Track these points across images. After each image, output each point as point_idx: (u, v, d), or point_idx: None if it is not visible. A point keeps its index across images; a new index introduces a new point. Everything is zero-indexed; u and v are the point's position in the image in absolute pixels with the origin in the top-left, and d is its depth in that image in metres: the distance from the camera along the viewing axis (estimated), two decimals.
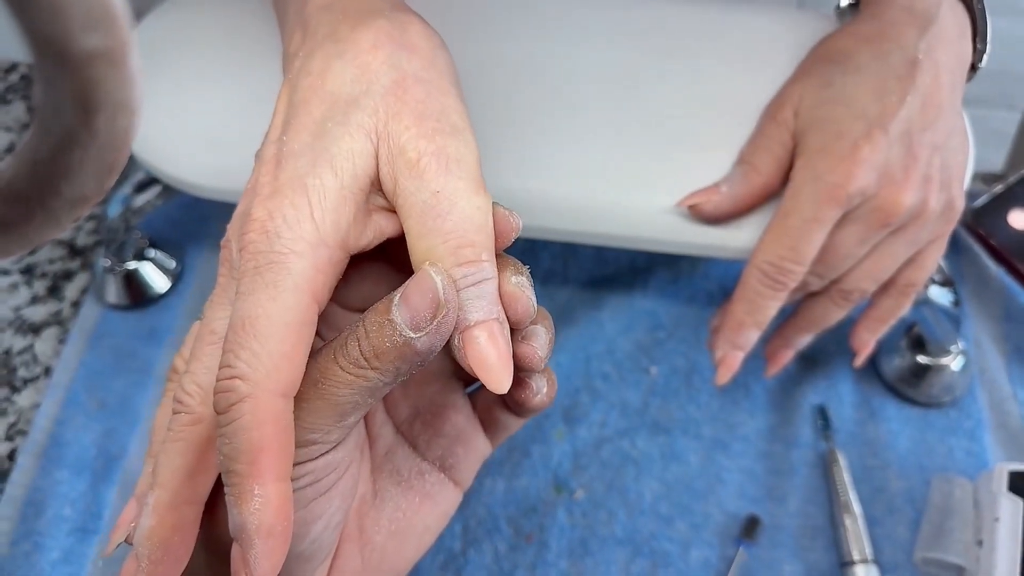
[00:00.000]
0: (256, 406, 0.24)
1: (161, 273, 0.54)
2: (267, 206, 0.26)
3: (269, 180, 0.27)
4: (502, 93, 0.43)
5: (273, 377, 0.24)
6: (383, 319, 0.24)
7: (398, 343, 0.24)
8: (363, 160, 0.27)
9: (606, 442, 0.49)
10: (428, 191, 0.26)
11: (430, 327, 0.24)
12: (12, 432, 0.50)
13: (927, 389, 0.49)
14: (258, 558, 0.23)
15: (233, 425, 0.24)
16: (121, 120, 0.16)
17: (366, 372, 0.25)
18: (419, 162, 0.26)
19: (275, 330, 0.24)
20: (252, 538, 0.23)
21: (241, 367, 0.24)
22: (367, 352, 0.25)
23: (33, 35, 0.15)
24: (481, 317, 0.25)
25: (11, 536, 0.46)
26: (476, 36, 0.45)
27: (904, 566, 0.45)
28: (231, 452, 0.24)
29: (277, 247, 0.25)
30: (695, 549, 0.46)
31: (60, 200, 0.18)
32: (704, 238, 0.41)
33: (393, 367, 0.25)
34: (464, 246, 0.25)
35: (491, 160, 0.41)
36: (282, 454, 0.24)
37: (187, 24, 0.46)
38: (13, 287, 0.55)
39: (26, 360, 0.52)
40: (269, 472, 0.24)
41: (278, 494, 0.24)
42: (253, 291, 0.25)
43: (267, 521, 0.23)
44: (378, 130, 0.27)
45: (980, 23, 0.41)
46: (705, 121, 0.42)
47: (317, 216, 0.26)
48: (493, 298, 0.26)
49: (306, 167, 0.26)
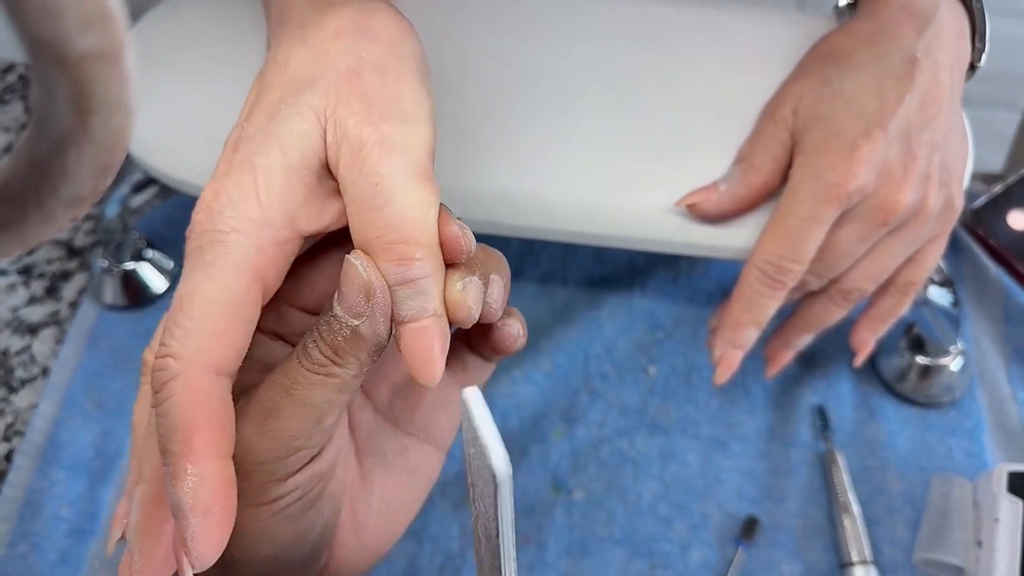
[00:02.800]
0: (187, 384, 0.24)
1: (159, 273, 0.54)
2: (214, 187, 0.26)
3: (224, 163, 0.27)
4: (501, 93, 0.43)
5: (205, 355, 0.24)
6: (330, 316, 0.25)
7: (347, 335, 0.25)
8: (311, 141, 0.26)
9: (605, 442, 0.49)
10: (368, 181, 0.25)
11: (367, 311, 0.25)
12: (9, 433, 0.50)
13: (926, 389, 0.49)
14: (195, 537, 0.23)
15: (166, 404, 0.24)
16: (117, 120, 0.16)
17: (330, 368, 0.25)
18: (361, 150, 0.26)
19: (209, 308, 0.24)
20: (188, 516, 0.23)
21: (174, 345, 0.24)
22: (326, 351, 0.25)
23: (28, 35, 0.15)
24: (412, 314, 0.25)
25: (8, 537, 0.46)
26: (476, 36, 0.45)
27: (903, 567, 0.45)
28: (164, 431, 0.24)
29: (219, 225, 0.25)
30: (694, 549, 0.46)
31: (57, 200, 0.18)
32: (703, 238, 0.40)
33: (353, 359, 0.25)
34: (397, 242, 0.25)
35: (490, 160, 0.41)
36: (217, 432, 0.24)
37: (184, 24, 0.46)
38: (11, 287, 0.55)
39: (24, 360, 0.52)
40: (203, 450, 0.23)
41: (214, 472, 0.24)
42: (193, 270, 0.25)
43: (203, 499, 0.23)
44: (326, 112, 0.26)
45: (979, 22, 0.41)
46: (704, 121, 0.42)
47: (263, 196, 0.25)
48: (429, 294, 0.25)
49: (256, 148, 0.26)
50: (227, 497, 0.24)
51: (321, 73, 0.27)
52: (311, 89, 0.27)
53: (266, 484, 0.26)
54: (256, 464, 0.25)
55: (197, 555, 0.23)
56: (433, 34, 0.44)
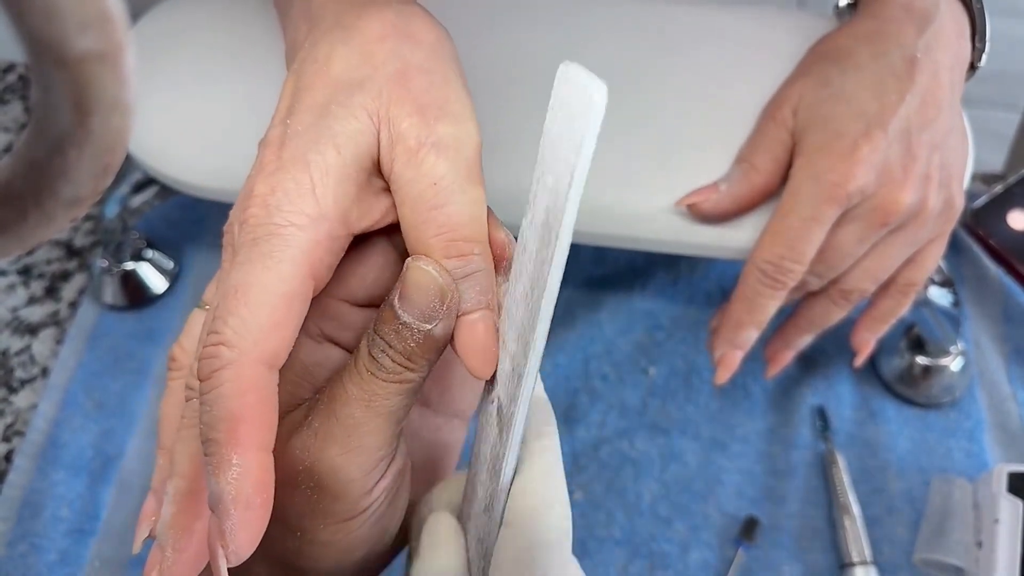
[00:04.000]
0: (239, 374, 0.24)
1: (159, 274, 0.54)
2: (269, 182, 0.26)
3: (273, 159, 0.27)
4: (501, 92, 0.43)
5: (259, 346, 0.24)
6: (396, 325, 0.25)
7: (420, 340, 0.25)
8: (365, 139, 0.27)
9: (605, 443, 0.49)
10: (424, 181, 0.26)
11: (442, 313, 0.25)
12: (9, 433, 0.50)
13: (926, 390, 0.49)
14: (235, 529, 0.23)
15: (214, 392, 0.24)
16: (116, 120, 0.16)
17: (406, 374, 0.25)
18: (418, 151, 0.26)
19: (267, 299, 0.24)
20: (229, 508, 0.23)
21: (228, 333, 0.24)
22: (399, 359, 0.25)
23: (28, 36, 0.15)
24: (470, 306, 0.26)
25: (8, 537, 0.46)
26: (476, 35, 0.45)
27: (903, 567, 0.45)
28: (210, 420, 0.24)
29: (277, 219, 0.25)
30: (694, 550, 0.46)
31: (56, 200, 0.18)
32: (703, 238, 0.40)
33: (426, 361, 0.26)
34: (457, 239, 0.26)
35: (490, 160, 0.41)
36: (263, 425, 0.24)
37: (184, 24, 0.46)
38: (11, 288, 0.55)
39: (23, 361, 0.52)
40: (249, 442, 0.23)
41: (258, 465, 0.23)
42: (249, 260, 0.25)
43: (245, 491, 0.23)
44: (380, 113, 0.27)
45: (979, 22, 0.41)
46: (704, 121, 0.42)
47: (319, 191, 0.26)
48: (484, 287, 0.26)
49: (309, 145, 0.26)
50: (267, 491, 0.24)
51: (370, 75, 0.27)
52: (361, 90, 0.27)
53: (357, 499, 0.26)
54: (347, 483, 0.26)
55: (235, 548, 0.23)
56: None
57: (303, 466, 0.25)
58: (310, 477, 0.25)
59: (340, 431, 0.25)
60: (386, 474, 0.27)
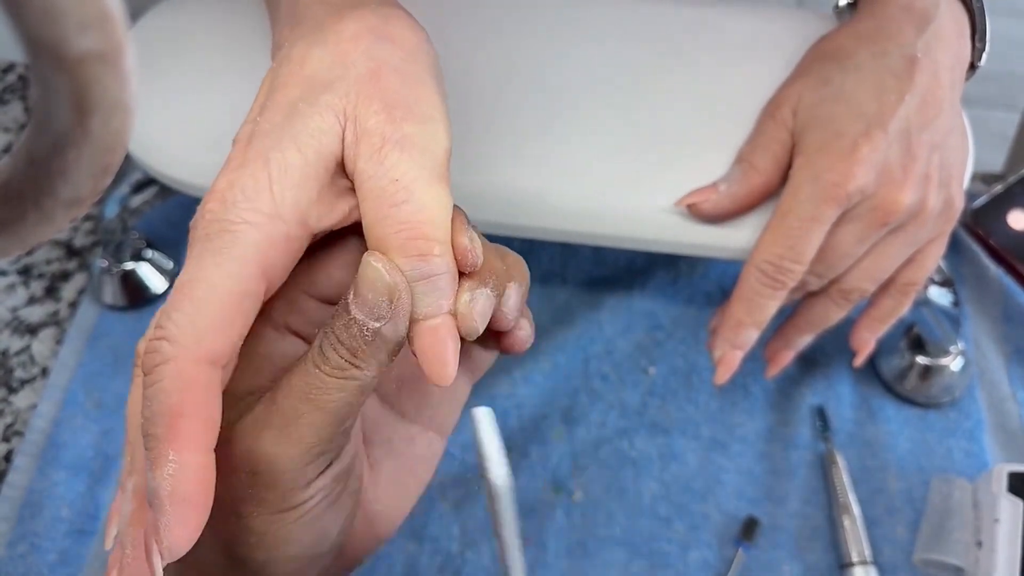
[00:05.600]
0: (179, 370, 0.24)
1: (158, 273, 0.54)
2: (229, 177, 0.26)
3: (238, 155, 0.27)
4: (501, 92, 0.43)
5: (202, 343, 0.24)
6: (347, 319, 0.25)
7: (368, 337, 0.25)
8: (328, 139, 0.26)
9: (605, 443, 0.49)
10: (387, 178, 0.26)
11: (390, 313, 0.25)
12: (9, 433, 0.50)
13: (926, 390, 0.49)
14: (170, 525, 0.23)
15: (155, 387, 0.24)
16: (116, 121, 0.16)
17: (351, 371, 0.25)
18: (381, 148, 0.26)
19: (213, 296, 0.24)
20: (164, 504, 0.23)
21: (171, 329, 0.24)
22: (345, 354, 0.25)
23: (28, 36, 0.15)
24: (429, 311, 0.26)
25: (8, 537, 0.46)
26: (476, 36, 0.44)
27: (903, 567, 0.45)
28: (150, 415, 0.23)
29: (231, 215, 0.25)
30: (694, 550, 0.46)
31: (56, 200, 0.18)
32: (703, 238, 0.40)
33: (373, 360, 0.25)
34: (416, 238, 0.25)
35: (490, 160, 0.41)
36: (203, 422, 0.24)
37: (184, 24, 0.46)
38: (10, 287, 0.55)
39: (23, 361, 0.52)
40: (187, 438, 0.23)
41: (196, 462, 0.23)
42: (200, 256, 0.25)
43: (181, 488, 0.23)
44: (346, 111, 0.27)
45: (979, 22, 0.41)
46: (704, 121, 0.42)
47: (276, 190, 0.26)
48: (444, 292, 0.26)
49: (272, 143, 0.26)
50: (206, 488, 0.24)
51: (341, 74, 0.27)
52: (331, 89, 0.27)
53: (290, 491, 0.26)
54: (279, 473, 0.25)
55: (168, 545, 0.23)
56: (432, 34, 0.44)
57: (241, 451, 0.25)
58: (246, 462, 0.25)
59: (279, 420, 0.25)
60: (324, 473, 0.26)
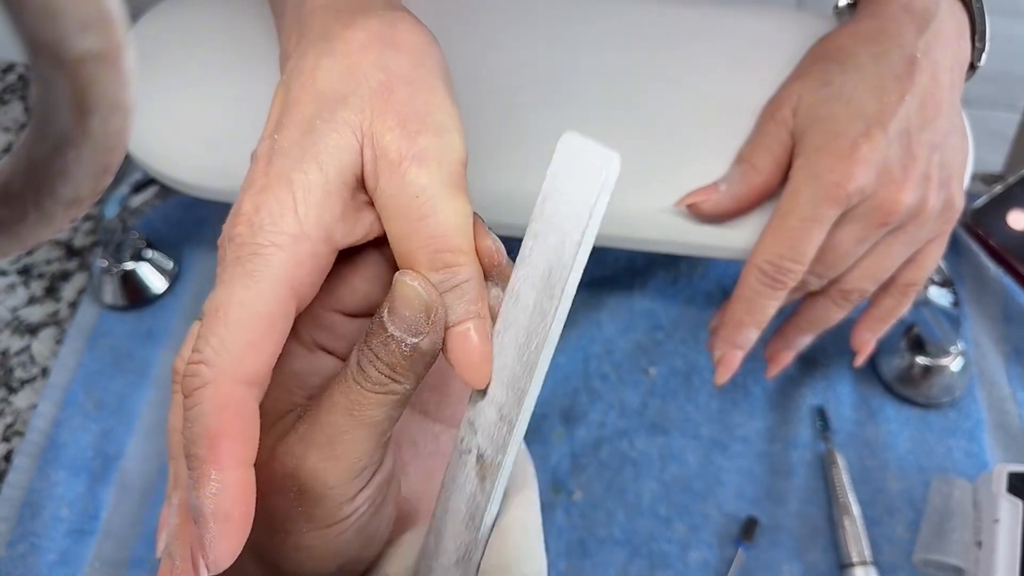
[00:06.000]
0: (217, 392, 0.24)
1: (158, 274, 0.54)
2: (255, 200, 0.26)
3: (260, 176, 0.27)
4: (501, 93, 0.43)
5: (238, 365, 0.25)
6: (384, 337, 0.26)
7: (407, 352, 0.25)
8: (348, 156, 0.27)
9: (605, 443, 0.49)
10: (407, 194, 0.26)
11: (428, 327, 0.26)
12: (9, 433, 0.50)
13: (926, 390, 0.49)
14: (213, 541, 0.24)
15: (195, 410, 0.24)
16: (116, 121, 0.16)
17: (391, 386, 0.26)
18: (400, 164, 0.26)
19: (246, 319, 0.25)
20: (208, 521, 0.24)
21: (208, 353, 0.25)
22: (384, 370, 0.26)
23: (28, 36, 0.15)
24: (460, 317, 0.26)
25: (8, 537, 0.46)
26: (476, 36, 0.44)
27: (903, 567, 0.45)
28: (191, 436, 0.24)
29: (259, 239, 0.26)
30: (694, 550, 0.46)
31: (56, 201, 0.18)
32: (703, 238, 0.40)
33: (412, 373, 0.26)
34: (443, 251, 0.26)
35: (490, 160, 0.41)
36: (242, 441, 0.24)
37: (184, 24, 0.46)
38: (10, 288, 0.55)
39: (23, 361, 0.52)
40: (227, 458, 0.24)
41: (236, 480, 0.24)
42: (231, 280, 0.25)
43: (224, 506, 0.24)
44: (363, 128, 0.27)
45: (979, 22, 0.41)
46: (704, 121, 0.42)
47: (301, 210, 0.26)
48: (473, 296, 0.27)
49: (293, 163, 0.27)
50: (246, 504, 0.24)
51: (354, 88, 0.28)
52: (345, 105, 0.27)
53: (338, 506, 0.26)
54: (327, 489, 0.26)
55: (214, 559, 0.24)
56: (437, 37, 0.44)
57: (287, 470, 0.26)
58: (293, 481, 0.26)
59: (323, 438, 0.26)
60: (369, 484, 0.27)
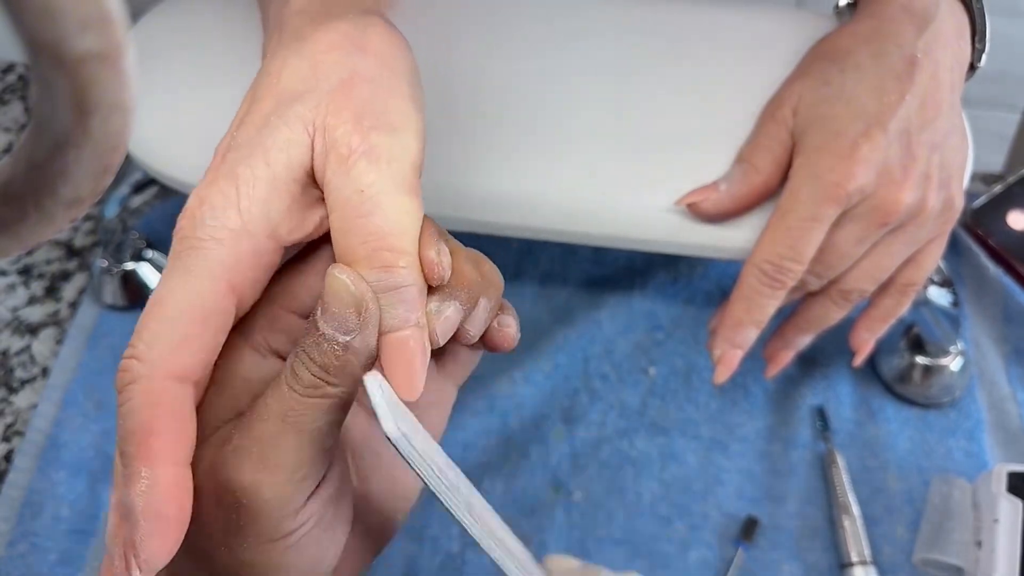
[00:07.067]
0: (148, 388, 0.24)
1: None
2: (200, 194, 0.26)
3: (213, 169, 0.27)
4: (501, 93, 0.43)
5: (169, 361, 0.24)
6: (317, 336, 0.25)
7: (338, 352, 0.24)
8: (297, 151, 0.26)
9: (605, 443, 0.49)
10: (353, 188, 0.26)
11: (358, 325, 0.25)
12: (9, 433, 0.50)
13: (926, 390, 0.49)
14: (144, 540, 0.23)
15: (126, 406, 0.24)
16: (116, 121, 0.16)
17: (325, 388, 0.25)
18: (349, 158, 0.26)
19: (179, 314, 0.24)
20: (138, 519, 0.23)
21: (140, 348, 0.24)
22: (317, 371, 0.24)
23: (28, 36, 0.15)
24: (397, 323, 0.25)
25: (8, 537, 0.46)
26: (475, 36, 0.44)
27: (903, 567, 0.45)
28: (123, 433, 0.24)
29: (200, 232, 0.25)
30: (694, 550, 0.46)
31: (56, 201, 0.18)
32: (703, 238, 0.40)
33: (347, 375, 0.25)
34: (382, 249, 0.25)
35: (490, 161, 0.41)
36: (174, 438, 0.24)
37: (184, 24, 0.46)
38: (11, 287, 0.55)
39: (23, 361, 0.52)
40: (158, 455, 0.23)
41: (168, 478, 0.23)
42: (170, 274, 0.25)
43: (154, 503, 0.23)
44: (315, 123, 0.27)
45: (979, 22, 0.41)
46: (704, 121, 0.42)
47: (243, 205, 0.26)
48: (411, 304, 0.25)
49: (242, 157, 0.26)
50: (180, 503, 0.24)
51: (314, 85, 0.27)
52: (301, 100, 0.27)
53: (278, 520, 0.25)
54: (264, 502, 0.25)
55: (145, 558, 0.23)
56: (433, 35, 0.44)
57: (224, 480, 0.25)
58: (230, 493, 0.25)
59: (256, 448, 0.24)
60: (313, 497, 0.26)
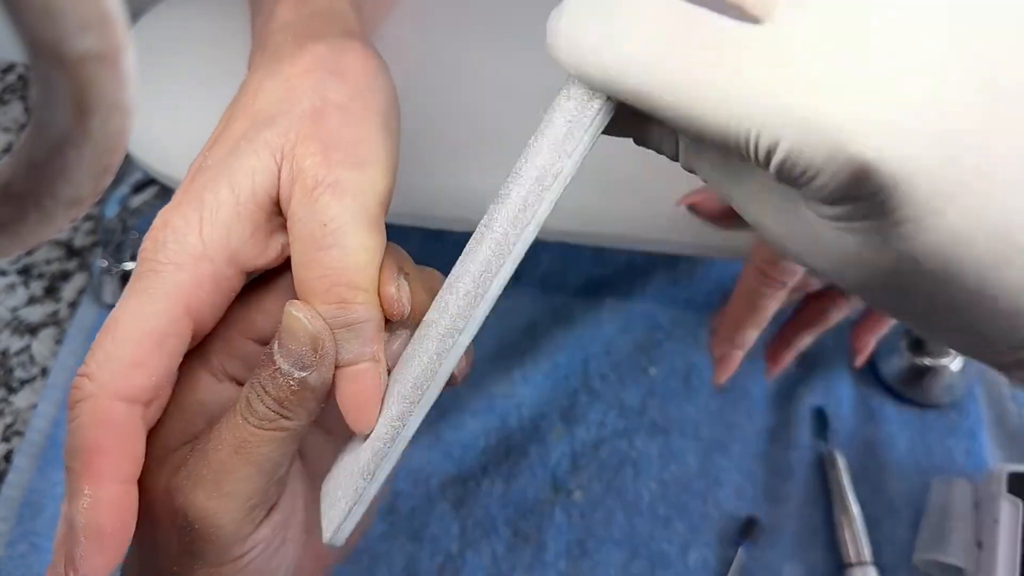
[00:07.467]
0: (96, 407, 0.24)
1: None
2: (164, 216, 0.26)
3: (179, 192, 0.27)
4: (500, 93, 0.43)
5: (120, 381, 0.24)
6: (273, 370, 0.25)
7: (294, 387, 0.25)
8: (263, 178, 0.26)
9: (604, 442, 0.49)
10: (316, 221, 0.25)
11: (314, 362, 0.25)
12: (9, 433, 0.50)
13: (926, 390, 0.49)
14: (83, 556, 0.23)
15: (75, 423, 0.24)
16: (115, 121, 0.16)
17: (279, 422, 0.25)
18: (313, 190, 0.26)
19: (133, 335, 0.24)
20: (79, 535, 0.23)
21: (92, 367, 0.24)
22: (272, 405, 0.25)
23: (28, 36, 0.15)
24: (352, 357, 0.25)
25: (8, 537, 0.46)
26: (474, 35, 0.44)
27: (903, 568, 0.45)
28: (70, 449, 0.24)
29: (160, 256, 0.25)
30: (693, 550, 0.46)
31: (56, 201, 0.18)
32: (703, 238, 0.40)
33: (302, 409, 0.25)
34: (339, 284, 0.25)
35: (489, 161, 0.41)
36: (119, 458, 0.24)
37: (184, 24, 0.46)
38: (10, 288, 0.55)
39: (23, 361, 0.52)
40: (102, 474, 0.24)
41: (110, 496, 0.24)
42: (128, 296, 0.25)
43: (95, 521, 0.23)
44: (284, 150, 0.26)
45: None
46: None
47: (206, 231, 0.26)
48: (367, 339, 0.25)
49: (207, 181, 0.26)
50: (121, 522, 0.24)
51: (286, 111, 0.27)
52: (272, 126, 0.27)
53: (228, 545, 0.25)
54: (215, 528, 0.25)
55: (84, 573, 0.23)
56: (431, 35, 0.44)
57: (176, 504, 0.25)
58: (183, 517, 0.25)
59: (210, 475, 0.25)
60: (263, 524, 0.26)
